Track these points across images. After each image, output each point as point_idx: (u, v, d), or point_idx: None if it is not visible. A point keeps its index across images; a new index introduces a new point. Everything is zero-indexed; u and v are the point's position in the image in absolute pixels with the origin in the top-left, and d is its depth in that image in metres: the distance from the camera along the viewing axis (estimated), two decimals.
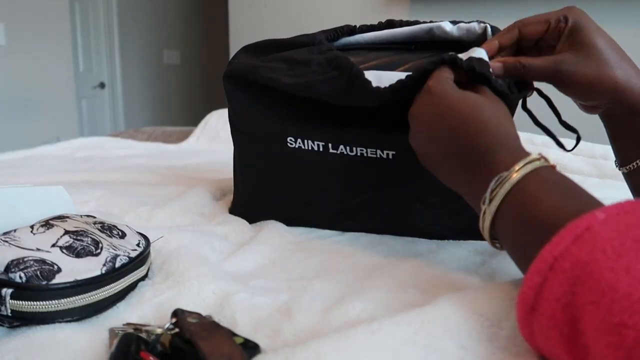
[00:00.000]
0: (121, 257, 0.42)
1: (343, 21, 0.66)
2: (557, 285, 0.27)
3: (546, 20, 0.48)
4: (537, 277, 0.28)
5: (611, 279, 0.25)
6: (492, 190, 0.37)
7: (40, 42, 3.34)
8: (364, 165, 0.55)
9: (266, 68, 0.55)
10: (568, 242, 0.28)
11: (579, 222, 0.29)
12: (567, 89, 0.49)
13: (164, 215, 0.64)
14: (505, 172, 0.36)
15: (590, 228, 0.28)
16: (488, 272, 0.47)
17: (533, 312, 0.28)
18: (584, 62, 0.46)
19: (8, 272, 0.35)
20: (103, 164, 1.11)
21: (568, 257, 0.27)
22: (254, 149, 0.61)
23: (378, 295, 0.41)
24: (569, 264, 0.27)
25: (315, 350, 0.30)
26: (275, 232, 0.59)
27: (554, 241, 0.28)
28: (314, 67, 0.53)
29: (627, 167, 0.51)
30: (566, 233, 0.28)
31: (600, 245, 0.27)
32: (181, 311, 0.35)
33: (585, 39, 0.46)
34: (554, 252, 0.28)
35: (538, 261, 0.29)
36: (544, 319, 0.28)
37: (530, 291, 0.29)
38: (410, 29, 0.59)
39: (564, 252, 0.28)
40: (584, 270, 0.26)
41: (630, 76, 0.46)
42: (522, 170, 0.36)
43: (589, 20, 0.47)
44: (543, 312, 0.28)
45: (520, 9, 1.86)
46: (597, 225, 0.28)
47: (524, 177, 0.36)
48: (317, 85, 0.52)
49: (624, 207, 0.29)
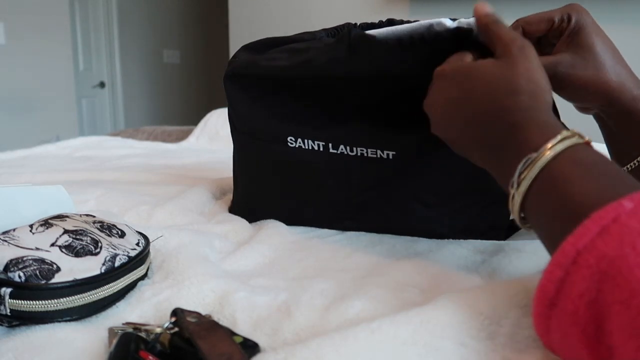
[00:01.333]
0: (120, 256, 0.41)
1: (343, 20, 0.66)
2: (581, 281, 0.26)
3: (549, 19, 0.48)
4: (558, 270, 0.27)
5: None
6: (520, 174, 0.34)
7: (40, 41, 3.33)
8: (364, 165, 0.55)
9: (266, 59, 0.55)
10: (593, 234, 0.26)
11: (604, 212, 0.27)
12: (561, 90, 0.49)
13: (164, 214, 0.64)
14: (534, 154, 0.33)
15: (617, 219, 0.26)
16: (488, 271, 0.47)
17: (553, 307, 0.27)
18: (580, 65, 0.46)
19: (7, 271, 0.35)
20: (103, 163, 1.11)
21: (593, 250, 0.26)
22: (254, 148, 0.61)
23: (378, 294, 0.41)
24: (594, 259, 0.26)
25: (315, 350, 0.30)
26: (274, 231, 0.59)
27: (577, 232, 0.27)
28: (312, 52, 0.53)
29: (623, 169, 0.51)
30: (591, 224, 0.26)
31: (629, 239, 0.25)
32: (180, 310, 0.35)
33: (584, 41, 0.46)
34: (578, 245, 0.26)
35: (560, 254, 0.27)
36: (566, 315, 0.26)
37: (551, 285, 0.27)
38: (410, 26, 0.59)
39: (589, 245, 0.26)
40: (611, 266, 0.25)
41: (624, 80, 0.46)
42: (552, 149, 0.33)
43: (590, 20, 0.47)
44: (564, 308, 0.26)
45: (521, 9, 1.86)
46: (624, 215, 0.26)
47: (555, 158, 0.33)
48: (315, 58, 0.51)
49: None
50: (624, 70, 0.47)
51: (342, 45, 0.49)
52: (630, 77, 0.47)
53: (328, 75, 0.51)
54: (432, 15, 2.05)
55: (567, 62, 0.47)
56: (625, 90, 0.46)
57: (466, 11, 2.12)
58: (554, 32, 0.48)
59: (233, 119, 0.62)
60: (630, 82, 0.47)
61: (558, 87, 0.48)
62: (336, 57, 0.50)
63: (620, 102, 0.47)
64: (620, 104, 0.47)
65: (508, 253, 0.50)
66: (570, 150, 0.33)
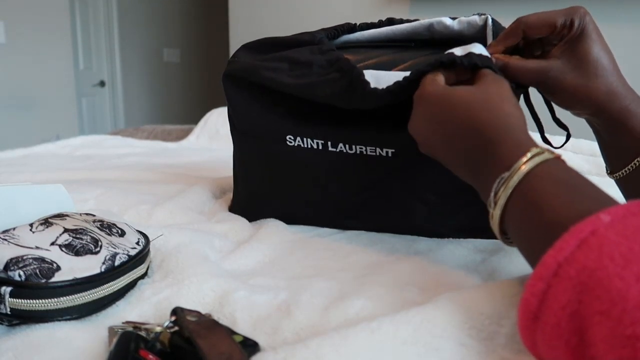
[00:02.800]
0: (120, 255, 0.41)
1: (343, 20, 0.66)
2: (563, 293, 0.26)
3: (552, 24, 0.47)
4: (540, 283, 0.27)
5: (621, 288, 0.24)
6: (495, 193, 0.35)
7: (40, 40, 3.33)
8: (363, 163, 0.55)
9: (267, 68, 0.55)
10: (572, 247, 0.27)
11: (583, 225, 0.27)
12: (550, 95, 0.49)
13: (164, 213, 0.64)
14: (507, 172, 0.35)
15: (596, 232, 0.26)
16: (488, 270, 0.47)
17: (536, 320, 0.27)
18: (570, 72, 0.47)
19: (7, 270, 0.35)
20: (103, 162, 1.11)
21: (573, 263, 0.26)
22: (253, 147, 0.61)
23: (378, 294, 0.41)
24: (574, 271, 0.26)
25: (314, 350, 0.30)
26: (274, 230, 0.59)
27: (557, 246, 0.27)
28: (315, 69, 0.53)
29: (616, 175, 0.51)
30: (570, 237, 0.27)
31: (608, 250, 0.25)
32: (180, 309, 0.35)
33: (581, 50, 0.46)
34: (558, 258, 0.27)
35: (541, 267, 0.27)
36: (549, 328, 0.27)
37: (533, 298, 0.27)
38: (410, 25, 0.59)
39: (569, 257, 0.26)
40: (591, 277, 0.25)
41: (614, 90, 0.47)
42: (524, 167, 0.34)
43: (591, 26, 0.47)
44: (547, 321, 0.27)
45: (521, 8, 1.86)
46: (602, 228, 0.26)
47: (527, 175, 0.34)
48: (319, 86, 0.52)
49: (630, 208, 0.28)
50: (617, 80, 0.47)
51: (344, 81, 0.50)
52: (622, 87, 0.47)
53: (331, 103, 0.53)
54: (432, 13, 2.05)
55: (559, 69, 0.47)
56: (614, 100, 0.47)
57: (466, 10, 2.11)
58: (554, 36, 0.48)
59: (232, 117, 0.62)
60: (622, 93, 0.47)
61: (548, 91, 0.49)
62: (338, 92, 0.51)
63: (608, 111, 0.47)
64: (609, 114, 0.47)
65: (508, 252, 0.50)
66: (542, 167, 0.34)
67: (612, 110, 0.47)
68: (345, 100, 0.51)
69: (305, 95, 0.54)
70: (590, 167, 1.04)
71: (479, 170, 0.39)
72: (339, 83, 0.51)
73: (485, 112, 0.39)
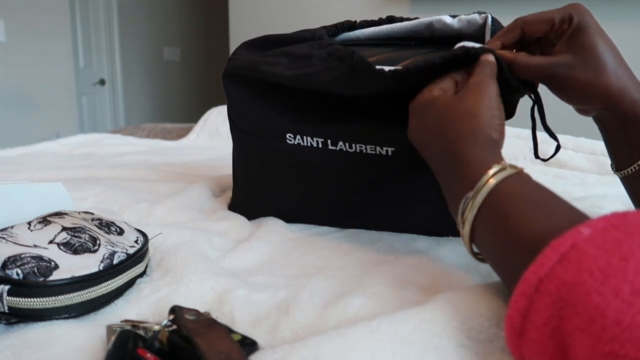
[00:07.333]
0: (119, 253, 0.41)
1: (344, 19, 0.66)
2: (544, 309, 0.26)
3: (550, 20, 0.47)
4: (522, 299, 0.27)
5: (599, 304, 0.23)
6: (462, 214, 0.36)
7: (40, 38, 3.33)
8: (363, 161, 0.55)
9: (267, 63, 0.55)
10: (553, 261, 0.26)
11: (563, 239, 0.27)
12: (559, 92, 0.48)
13: (163, 211, 0.64)
14: (471, 192, 0.35)
15: (575, 246, 0.26)
16: (488, 270, 0.47)
17: (522, 336, 0.27)
18: (580, 66, 0.46)
19: (5, 268, 0.35)
20: (102, 160, 1.11)
21: (554, 278, 0.26)
22: (253, 145, 0.61)
23: (377, 292, 0.41)
24: (554, 286, 0.26)
25: (313, 349, 0.30)
26: (274, 228, 0.59)
27: (538, 261, 0.27)
28: (315, 61, 0.53)
29: (623, 172, 0.50)
30: (550, 252, 0.27)
31: (587, 265, 0.25)
32: (179, 308, 0.35)
33: (585, 43, 0.46)
34: (539, 273, 0.26)
35: (522, 283, 0.27)
36: (533, 344, 0.26)
37: (517, 315, 0.27)
38: (410, 23, 0.59)
39: (549, 272, 0.26)
40: (570, 293, 0.25)
41: (625, 84, 0.46)
42: (487, 185, 0.34)
43: (592, 21, 0.46)
44: (532, 337, 0.26)
45: (521, 7, 1.86)
46: (582, 242, 0.26)
47: (491, 193, 0.34)
48: (319, 75, 0.52)
49: (611, 220, 0.27)
50: (625, 73, 0.46)
51: (344, 67, 0.50)
52: (631, 80, 0.46)
53: (330, 91, 0.53)
54: (432, 12, 2.05)
55: (567, 64, 0.46)
56: (625, 93, 0.46)
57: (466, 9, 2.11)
58: (554, 33, 0.47)
59: (232, 116, 0.62)
60: (631, 86, 0.46)
61: (557, 88, 0.48)
62: (338, 77, 0.51)
63: (620, 105, 0.46)
64: (620, 108, 0.46)
65: None
66: (505, 183, 0.34)
67: (623, 104, 0.46)
68: (345, 86, 0.51)
69: (305, 86, 0.53)
70: (591, 165, 1.03)
71: (449, 184, 0.40)
72: (339, 69, 0.50)
73: (455, 123, 0.40)
